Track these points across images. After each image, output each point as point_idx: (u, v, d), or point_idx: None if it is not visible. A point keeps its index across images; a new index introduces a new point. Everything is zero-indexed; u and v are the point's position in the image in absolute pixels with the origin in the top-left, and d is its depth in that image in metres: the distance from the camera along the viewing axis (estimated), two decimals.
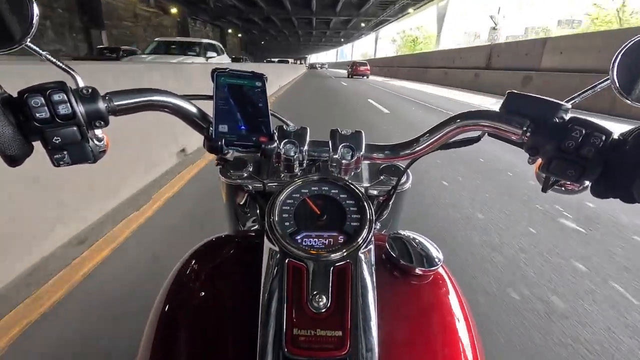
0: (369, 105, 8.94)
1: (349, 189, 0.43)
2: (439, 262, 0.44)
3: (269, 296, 0.35)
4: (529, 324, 1.42)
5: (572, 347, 1.32)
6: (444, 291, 0.45)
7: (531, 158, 0.42)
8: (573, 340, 1.35)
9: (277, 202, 0.41)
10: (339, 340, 0.32)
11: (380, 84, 19.39)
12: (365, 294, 0.35)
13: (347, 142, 0.48)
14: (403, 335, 0.39)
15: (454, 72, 16.86)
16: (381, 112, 7.71)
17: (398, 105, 9.07)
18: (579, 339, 1.36)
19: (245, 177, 0.56)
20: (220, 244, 0.51)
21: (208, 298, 0.42)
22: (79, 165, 0.40)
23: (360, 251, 0.37)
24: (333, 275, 0.35)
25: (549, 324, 1.43)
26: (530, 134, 0.40)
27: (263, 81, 0.45)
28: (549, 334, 1.38)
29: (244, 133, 0.45)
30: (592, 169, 0.35)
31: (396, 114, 7.45)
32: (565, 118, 0.39)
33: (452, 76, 16.98)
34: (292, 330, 0.32)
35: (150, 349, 0.39)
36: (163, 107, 0.45)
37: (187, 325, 0.40)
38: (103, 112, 0.38)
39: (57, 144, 0.36)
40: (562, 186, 0.42)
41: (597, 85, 0.39)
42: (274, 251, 0.37)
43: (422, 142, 0.50)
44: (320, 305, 0.33)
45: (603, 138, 0.35)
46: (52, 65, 0.39)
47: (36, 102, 0.34)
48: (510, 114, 0.42)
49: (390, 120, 6.57)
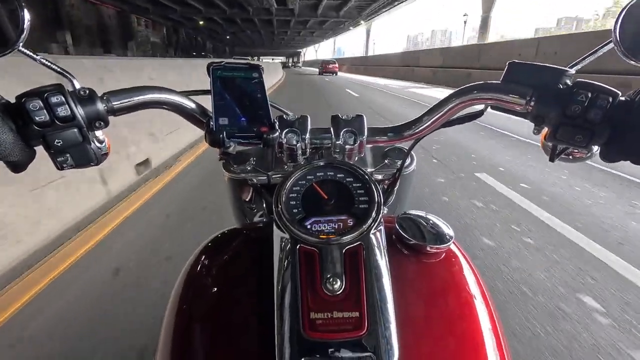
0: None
1: (354, 172, 0.43)
2: (450, 238, 0.45)
3: (283, 283, 0.35)
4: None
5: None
6: (457, 267, 0.46)
7: (536, 128, 0.41)
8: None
9: (284, 189, 0.41)
10: (356, 320, 0.32)
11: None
12: (379, 274, 0.35)
13: (348, 127, 0.49)
14: (420, 312, 0.39)
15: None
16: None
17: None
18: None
19: (249, 171, 0.56)
20: (230, 237, 0.52)
21: (222, 290, 0.42)
22: None
23: (371, 232, 0.38)
24: (345, 258, 0.35)
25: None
26: (534, 103, 0.39)
27: (260, 72, 0.45)
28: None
29: (244, 125, 0.45)
30: (600, 133, 0.35)
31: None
32: (569, 83, 0.38)
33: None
34: (309, 314, 0.32)
35: (171, 340, 0.39)
36: (161, 105, 0.45)
37: (204, 316, 0.40)
38: (102, 112, 0.39)
39: (59, 146, 0.36)
40: (570, 154, 0.42)
41: (600, 49, 0.38)
42: (284, 239, 0.38)
43: (424, 121, 0.50)
44: (335, 288, 0.33)
45: (610, 100, 0.34)
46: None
47: (34, 105, 0.34)
48: (512, 84, 0.41)
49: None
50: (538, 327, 1.39)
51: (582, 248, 1.95)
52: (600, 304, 1.52)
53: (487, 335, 0.38)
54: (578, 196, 2.71)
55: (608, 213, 2.41)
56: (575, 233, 2.12)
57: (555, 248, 1.96)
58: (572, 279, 1.68)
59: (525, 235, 2.09)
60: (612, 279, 1.69)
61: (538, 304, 1.51)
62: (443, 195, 2.73)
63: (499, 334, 0.39)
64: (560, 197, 2.69)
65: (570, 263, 1.82)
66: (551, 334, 1.35)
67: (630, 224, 2.26)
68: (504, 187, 2.88)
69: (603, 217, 2.35)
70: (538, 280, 1.67)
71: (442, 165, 3.49)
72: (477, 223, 2.24)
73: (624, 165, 2.25)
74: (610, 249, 1.94)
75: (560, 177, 3.15)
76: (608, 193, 2.77)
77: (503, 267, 1.77)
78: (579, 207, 2.51)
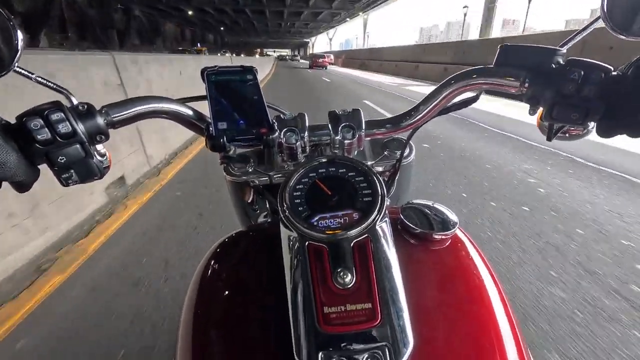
0: None
1: (356, 166, 0.43)
2: (454, 224, 0.45)
3: (295, 281, 0.35)
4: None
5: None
6: (464, 253, 0.46)
7: (532, 109, 0.41)
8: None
9: (288, 188, 0.41)
10: (369, 312, 0.32)
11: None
12: (388, 265, 0.36)
13: (346, 122, 0.49)
14: (431, 299, 0.39)
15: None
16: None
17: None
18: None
19: (251, 173, 0.56)
20: (237, 239, 0.52)
21: (235, 292, 0.43)
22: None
23: (377, 224, 0.38)
24: (354, 251, 0.36)
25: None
26: (528, 84, 0.40)
27: (254, 74, 0.45)
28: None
29: (243, 127, 0.46)
30: (595, 109, 0.35)
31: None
32: (561, 62, 0.38)
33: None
34: (323, 309, 0.33)
35: (191, 345, 0.39)
36: (160, 114, 0.46)
37: (220, 319, 0.41)
38: (102, 126, 0.39)
39: (63, 163, 0.36)
40: (567, 132, 0.42)
41: (589, 26, 0.38)
42: (292, 237, 0.38)
43: (420, 110, 0.50)
44: (346, 282, 0.33)
45: (602, 75, 0.34)
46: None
47: (35, 124, 0.34)
48: (505, 67, 0.42)
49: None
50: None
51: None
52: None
53: (500, 318, 0.39)
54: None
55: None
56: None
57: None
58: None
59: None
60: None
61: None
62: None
63: (511, 316, 0.40)
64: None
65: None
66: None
67: None
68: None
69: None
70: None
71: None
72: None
73: None
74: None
75: None
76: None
77: None
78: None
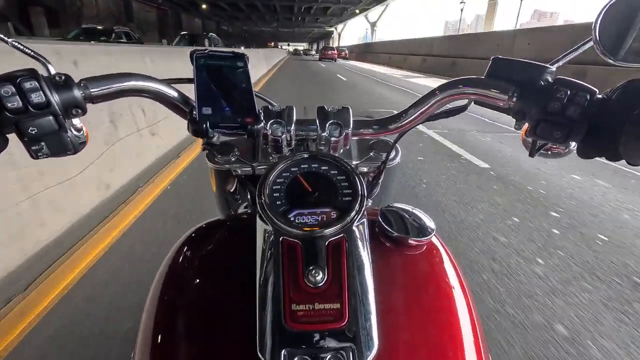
0: None
1: (338, 165, 0.43)
2: (431, 231, 0.45)
3: (265, 275, 0.35)
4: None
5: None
6: (437, 259, 0.46)
7: (518, 123, 0.42)
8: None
9: (268, 181, 0.41)
10: (337, 312, 0.32)
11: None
12: (361, 267, 0.36)
13: (334, 119, 0.48)
14: (400, 303, 0.39)
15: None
16: None
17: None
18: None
19: (234, 162, 0.55)
20: (213, 228, 0.51)
21: (204, 281, 0.42)
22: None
23: (354, 225, 0.38)
24: (328, 250, 0.36)
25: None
26: (516, 99, 0.40)
27: (245, 61, 0.44)
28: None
29: (228, 115, 0.45)
30: (577, 129, 0.36)
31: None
32: (550, 80, 0.39)
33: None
34: (291, 306, 0.33)
35: (151, 333, 0.39)
36: (142, 92, 0.44)
37: (185, 308, 0.40)
38: (79, 99, 0.37)
39: (34, 135, 0.35)
40: (549, 150, 0.43)
41: (580, 47, 0.39)
42: (267, 231, 0.37)
43: (409, 114, 0.50)
44: (317, 280, 0.33)
45: (587, 97, 0.35)
46: None
47: (6, 91, 0.33)
48: (495, 79, 0.42)
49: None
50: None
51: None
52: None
53: (464, 326, 0.39)
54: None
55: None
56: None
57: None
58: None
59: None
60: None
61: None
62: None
63: (476, 325, 0.40)
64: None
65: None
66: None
67: None
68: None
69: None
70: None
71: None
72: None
73: None
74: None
75: None
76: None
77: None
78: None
